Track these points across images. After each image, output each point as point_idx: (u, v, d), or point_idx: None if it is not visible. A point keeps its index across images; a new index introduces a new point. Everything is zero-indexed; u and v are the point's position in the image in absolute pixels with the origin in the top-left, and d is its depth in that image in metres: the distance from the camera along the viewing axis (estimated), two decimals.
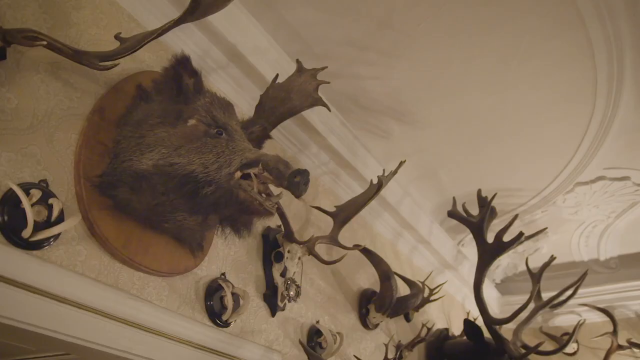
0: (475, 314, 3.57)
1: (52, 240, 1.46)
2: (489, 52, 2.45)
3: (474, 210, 3.17)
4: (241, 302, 2.04)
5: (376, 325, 3.02)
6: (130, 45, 1.57)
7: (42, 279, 1.41)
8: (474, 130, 2.97)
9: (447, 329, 3.70)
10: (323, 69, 2.19)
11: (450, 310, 4.13)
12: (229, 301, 1.97)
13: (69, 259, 1.51)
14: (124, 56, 1.56)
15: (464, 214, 3.16)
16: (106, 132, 1.67)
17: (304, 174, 1.54)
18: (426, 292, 3.42)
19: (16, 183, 1.38)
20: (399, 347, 3.11)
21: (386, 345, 2.79)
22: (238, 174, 1.58)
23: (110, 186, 1.60)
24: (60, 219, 1.45)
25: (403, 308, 2.99)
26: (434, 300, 3.40)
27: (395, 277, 3.00)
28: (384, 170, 2.58)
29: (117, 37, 1.66)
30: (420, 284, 3.26)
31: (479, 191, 3.13)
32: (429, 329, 3.28)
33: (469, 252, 4.11)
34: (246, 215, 1.69)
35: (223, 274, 2.08)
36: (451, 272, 4.11)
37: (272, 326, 2.28)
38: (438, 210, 3.66)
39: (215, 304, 1.98)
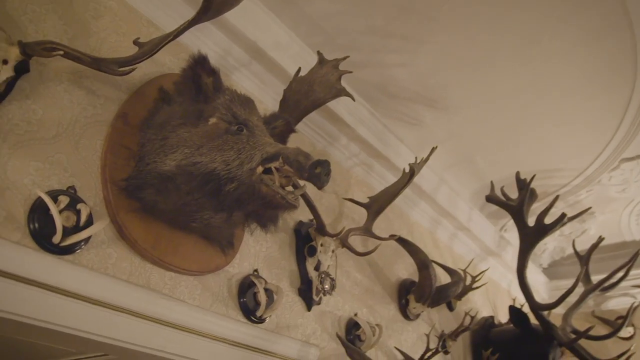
0: (521, 301, 3.48)
1: (82, 244, 1.50)
2: (518, 29, 2.36)
3: (514, 194, 3.08)
4: (275, 297, 2.04)
5: (417, 316, 2.98)
6: (148, 50, 1.59)
7: (74, 283, 1.45)
8: (508, 111, 2.87)
9: (492, 317, 3.62)
10: (344, 58, 2.16)
11: (496, 297, 4.04)
12: (262, 297, 1.98)
13: (100, 262, 1.55)
14: (142, 60, 1.57)
15: (503, 198, 3.07)
16: (130, 137, 1.69)
17: (324, 164, 1.52)
18: (468, 280, 3.36)
19: (44, 191, 1.43)
20: (442, 337, 3.06)
21: (427, 336, 2.75)
22: (260, 169, 1.58)
23: (137, 189, 1.63)
24: (89, 223, 1.49)
25: (444, 297, 2.94)
26: (477, 287, 3.33)
27: (435, 265, 2.94)
28: (416, 158, 2.53)
29: (135, 42, 1.68)
30: (461, 272, 3.19)
31: (517, 173, 3.03)
32: (472, 318, 3.21)
33: (512, 237, 3.99)
34: (270, 210, 1.68)
35: (255, 270, 2.09)
36: (494, 258, 4.01)
37: (309, 320, 2.28)
38: (476, 196, 3.57)
39: (249, 301, 1.99)
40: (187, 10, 2.00)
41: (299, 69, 2.18)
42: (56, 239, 1.40)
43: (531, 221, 2.98)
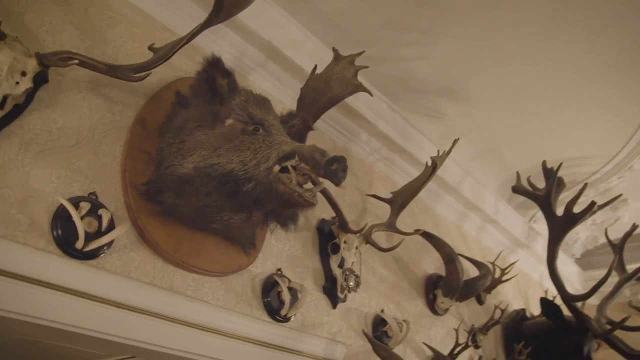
0: (554, 292, 3.41)
1: (105, 248, 1.53)
2: (537, 14, 2.30)
3: (541, 184, 3.02)
4: (299, 296, 2.05)
5: (446, 310, 2.94)
6: (162, 54, 1.61)
7: (99, 287, 1.48)
8: (531, 100, 2.81)
9: (523, 310, 3.55)
10: (360, 54, 2.15)
11: (527, 289, 3.96)
12: (286, 296, 1.99)
13: (123, 265, 1.57)
14: (157, 65, 1.59)
15: (530, 188, 3.01)
16: (149, 141, 1.72)
17: (340, 160, 1.50)
18: (497, 273, 3.31)
19: (66, 198, 1.46)
20: (471, 331, 3.02)
21: (456, 330, 2.71)
22: (277, 168, 1.57)
23: (157, 192, 1.65)
24: (111, 228, 1.51)
25: (472, 291, 2.90)
26: (506, 280, 3.28)
27: (461, 259, 2.91)
28: (438, 151, 2.50)
29: (150, 48, 1.70)
30: (490, 265, 3.14)
31: (544, 163, 2.97)
32: (502, 311, 3.16)
33: (541, 228, 3.90)
34: (288, 209, 1.68)
35: (279, 269, 2.10)
36: (524, 250, 3.93)
37: (334, 318, 2.28)
38: (503, 187, 3.50)
39: (273, 300, 2.00)
40: (201, 13, 2.02)
41: (315, 67, 2.17)
42: (79, 244, 1.43)
43: (560, 211, 2.91)
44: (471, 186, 3.34)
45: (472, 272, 3.18)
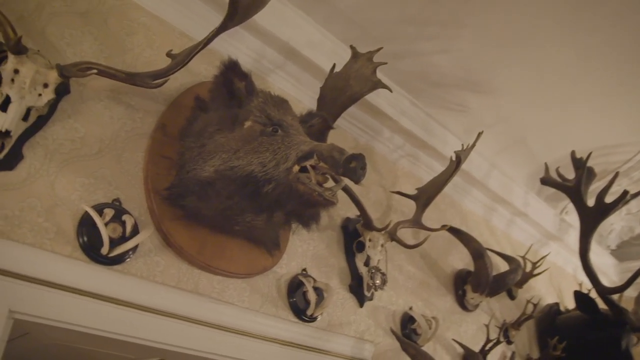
0: (588, 285, 3.33)
1: (130, 253, 1.56)
2: (559, 2, 2.24)
3: (571, 175, 2.95)
4: (325, 295, 2.05)
5: (476, 306, 2.90)
6: (180, 60, 1.63)
7: (125, 291, 1.52)
8: (556, 88, 2.74)
9: (557, 304, 3.48)
10: (378, 50, 2.13)
11: (561, 283, 3.87)
12: (311, 296, 1.99)
13: (148, 270, 1.60)
14: (175, 71, 1.61)
15: (559, 180, 2.95)
16: (170, 147, 1.74)
17: (358, 158, 1.49)
18: (528, 267, 3.24)
19: (91, 205, 1.49)
20: (503, 327, 2.97)
21: (487, 326, 2.67)
22: (296, 168, 1.57)
23: (179, 197, 1.66)
24: (134, 233, 1.54)
25: (502, 285, 2.85)
26: (538, 274, 3.21)
27: (490, 254, 2.86)
28: (462, 145, 2.46)
29: (168, 54, 1.72)
30: (520, 259, 3.09)
31: (573, 153, 2.90)
32: (535, 305, 3.10)
33: (574, 220, 3.81)
34: (309, 208, 1.68)
35: (304, 269, 2.10)
36: (556, 243, 3.85)
37: (362, 316, 2.27)
38: (532, 179, 3.43)
39: (299, 300, 2.01)
40: (218, 18, 2.01)
41: (334, 66, 2.17)
42: (104, 250, 1.46)
43: (591, 202, 2.84)
44: (498, 179, 3.29)
45: (502, 266, 3.13)
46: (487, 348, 2.62)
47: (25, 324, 1.37)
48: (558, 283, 3.84)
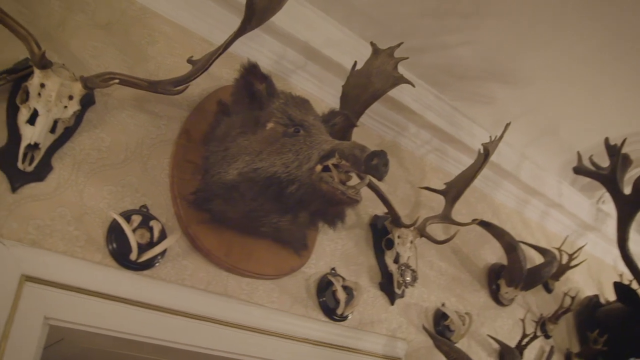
0: (630, 276, 3.23)
1: (159, 258, 1.58)
2: None
3: (606, 163, 2.86)
4: (354, 294, 2.04)
5: (511, 301, 2.85)
6: (200, 66, 1.64)
7: (155, 295, 1.54)
8: (586, 74, 2.66)
9: (597, 296, 3.38)
10: (399, 45, 2.11)
11: (600, 274, 3.77)
12: (340, 295, 1.99)
13: (177, 274, 1.62)
14: (196, 77, 1.63)
15: (593, 168, 2.87)
16: (194, 152, 1.76)
17: (380, 155, 1.47)
18: (565, 259, 3.17)
19: (118, 212, 1.52)
20: (540, 321, 2.90)
21: (523, 321, 2.62)
22: (319, 167, 1.56)
23: (205, 201, 1.68)
24: (162, 238, 1.57)
25: (537, 279, 2.79)
26: (575, 266, 3.13)
27: (524, 246, 2.81)
28: (490, 137, 2.42)
29: (189, 60, 1.74)
30: (555, 251, 3.02)
31: (606, 140, 2.81)
32: (573, 298, 3.03)
33: (611, 209, 3.69)
34: (333, 207, 1.67)
35: (333, 268, 2.10)
36: (593, 233, 3.74)
37: (393, 314, 2.26)
38: (565, 169, 3.34)
39: (328, 300, 2.01)
40: (237, 22, 2.02)
41: (355, 63, 2.16)
42: (133, 256, 1.49)
43: (628, 189, 2.75)
44: (530, 170, 3.22)
45: (537, 259, 3.07)
46: (523, 343, 2.57)
47: (60, 330, 1.41)
48: (597, 274, 3.73)
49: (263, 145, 1.64)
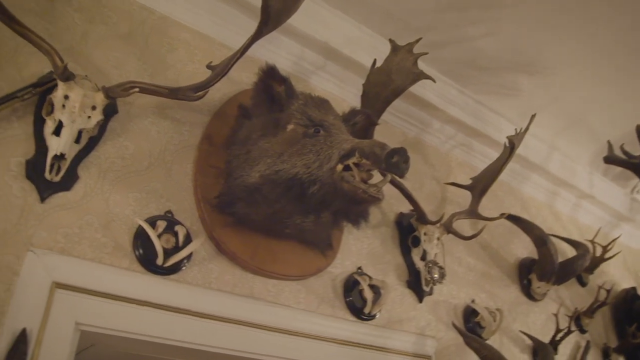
0: None
1: (185, 262, 1.61)
2: None
3: (638, 151, 2.78)
4: (381, 292, 2.03)
5: (544, 295, 2.79)
6: (219, 71, 1.66)
7: (182, 299, 1.57)
8: (614, 61, 2.58)
9: (634, 288, 3.28)
10: (417, 41, 2.09)
11: (637, 266, 3.66)
12: (367, 294, 1.98)
13: (203, 277, 1.65)
14: (215, 82, 1.64)
15: (624, 157, 2.79)
16: (217, 156, 1.78)
17: (400, 152, 1.46)
18: (598, 251, 3.09)
19: (144, 219, 1.55)
20: (574, 315, 2.84)
21: (556, 316, 2.57)
22: (339, 167, 1.56)
23: (229, 204, 1.70)
24: (187, 242, 1.59)
25: (570, 272, 2.73)
26: (609, 258, 3.05)
27: (555, 240, 2.75)
28: (516, 129, 2.39)
29: (208, 66, 1.76)
30: (588, 243, 2.95)
31: (638, 127, 2.73)
32: (608, 291, 2.95)
33: None
34: (355, 206, 1.66)
35: (359, 267, 2.10)
36: (629, 224, 3.64)
37: (422, 312, 2.24)
38: (595, 159, 3.25)
39: (355, 299, 2.00)
40: (255, 26, 2.05)
41: (375, 61, 2.15)
42: (159, 261, 1.52)
43: None
44: (559, 162, 3.15)
45: (569, 252, 3.00)
46: (557, 338, 2.52)
47: (91, 335, 1.44)
48: (634, 266, 3.63)
49: (284, 146, 1.65)
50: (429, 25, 2.39)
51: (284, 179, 1.59)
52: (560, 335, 2.59)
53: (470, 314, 2.38)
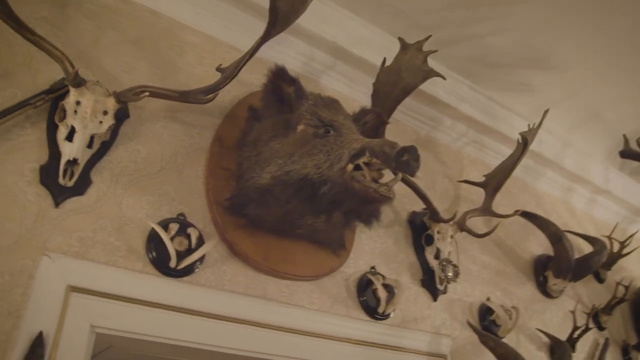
0: None
1: (198, 264, 1.62)
2: None
3: None
4: (395, 292, 2.03)
5: (560, 292, 2.76)
6: (229, 74, 1.66)
7: (195, 301, 1.58)
8: (628, 55, 2.54)
9: None
10: (427, 39, 2.08)
11: None
12: (381, 293, 1.98)
13: (216, 279, 1.66)
14: (225, 84, 1.65)
15: None
16: (228, 158, 1.79)
17: (410, 150, 1.45)
18: (616, 247, 3.05)
19: (156, 222, 1.57)
20: (592, 312, 2.80)
21: (573, 313, 2.54)
22: (350, 166, 1.55)
23: (240, 206, 1.71)
24: (200, 245, 1.60)
25: (586, 269, 2.70)
26: (627, 254, 3.01)
27: (571, 236, 2.72)
28: (529, 125, 2.37)
29: (218, 69, 1.77)
30: (605, 239, 2.91)
31: None
32: (626, 287, 2.91)
33: None
34: (366, 205, 1.66)
35: (372, 267, 2.09)
36: None
37: (436, 311, 2.23)
38: (611, 154, 3.20)
39: (369, 298, 2.00)
40: (263, 27, 2.06)
41: (384, 60, 2.15)
42: (172, 263, 1.53)
43: None
44: (574, 157, 3.12)
45: (586, 249, 2.96)
46: (575, 336, 2.50)
47: (107, 337, 1.46)
48: None
49: (294, 147, 1.65)
50: (439, 22, 2.38)
51: (295, 180, 1.59)
52: (577, 332, 2.56)
53: (485, 312, 2.37)
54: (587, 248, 2.94)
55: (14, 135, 1.46)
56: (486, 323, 2.34)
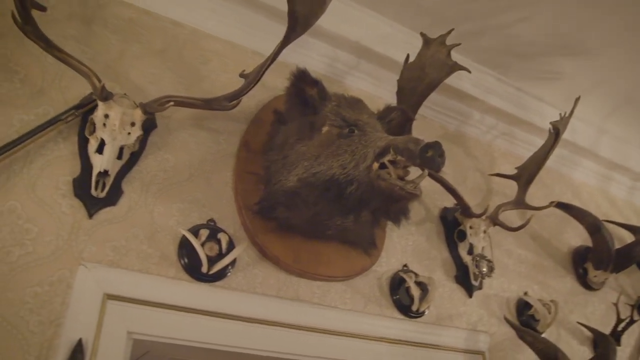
0: None
1: (229, 268, 1.64)
2: None
3: None
4: (429, 289, 2.01)
5: (602, 284, 2.68)
6: (252, 79, 1.68)
7: (228, 305, 1.60)
8: None
9: None
10: (449, 32, 2.06)
11: None
12: (414, 291, 1.96)
13: (248, 283, 1.67)
14: (249, 90, 1.67)
15: None
16: (255, 162, 1.81)
17: (434, 146, 1.43)
18: None
19: (187, 228, 1.60)
20: (637, 304, 2.71)
21: (616, 305, 2.47)
22: (375, 165, 1.54)
23: (269, 209, 1.72)
24: (230, 249, 1.62)
25: (629, 259, 2.61)
26: None
27: (611, 226, 2.65)
28: (560, 114, 2.31)
29: (241, 75, 1.79)
30: None
31: None
32: None
33: None
34: (394, 204, 1.64)
35: (405, 265, 2.08)
36: None
37: (472, 307, 2.20)
38: None
39: (402, 297, 1.99)
40: (284, 31, 2.08)
41: (408, 56, 2.13)
42: (204, 268, 1.56)
43: None
44: (610, 145, 3.03)
45: (628, 238, 2.87)
46: (619, 329, 2.42)
47: (144, 343, 1.49)
48: None
49: (320, 149, 1.65)
50: (462, 15, 2.35)
51: (322, 181, 1.59)
52: (622, 325, 2.49)
53: (523, 306, 2.32)
54: (630, 238, 2.84)
55: (47, 151, 1.51)
56: (524, 318, 2.29)
